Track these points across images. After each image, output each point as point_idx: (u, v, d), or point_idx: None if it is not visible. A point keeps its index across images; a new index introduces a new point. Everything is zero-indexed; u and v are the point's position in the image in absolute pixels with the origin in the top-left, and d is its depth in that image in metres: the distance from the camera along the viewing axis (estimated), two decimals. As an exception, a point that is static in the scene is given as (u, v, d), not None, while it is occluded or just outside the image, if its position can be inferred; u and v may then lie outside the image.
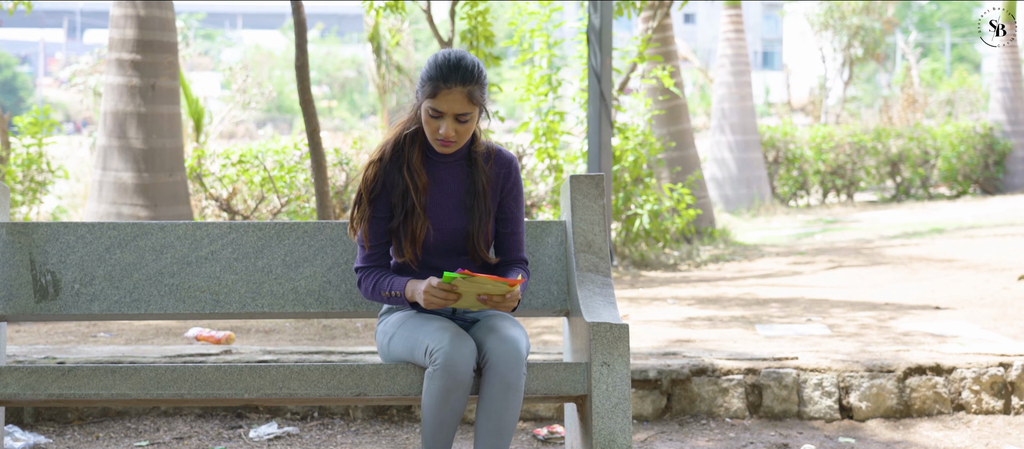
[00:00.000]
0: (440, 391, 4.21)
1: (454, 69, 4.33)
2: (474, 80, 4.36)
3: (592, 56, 11.04)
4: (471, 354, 4.23)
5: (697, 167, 16.29)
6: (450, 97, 4.34)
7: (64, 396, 4.36)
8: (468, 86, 4.34)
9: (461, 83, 4.33)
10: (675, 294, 10.52)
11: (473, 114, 4.40)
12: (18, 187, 12.80)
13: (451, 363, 4.19)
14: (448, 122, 4.37)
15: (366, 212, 4.50)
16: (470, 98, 4.36)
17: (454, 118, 4.37)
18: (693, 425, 6.14)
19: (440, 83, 4.33)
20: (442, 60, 4.35)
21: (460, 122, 4.38)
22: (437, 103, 4.35)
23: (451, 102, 4.34)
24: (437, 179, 4.52)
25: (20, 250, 4.80)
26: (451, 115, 4.36)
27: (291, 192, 12.26)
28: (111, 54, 10.84)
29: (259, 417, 6.23)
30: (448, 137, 4.39)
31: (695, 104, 42.65)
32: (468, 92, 4.34)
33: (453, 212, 4.51)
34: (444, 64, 4.34)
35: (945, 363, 6.35)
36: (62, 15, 75.71)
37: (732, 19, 21.99)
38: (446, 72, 4.33)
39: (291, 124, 50.94)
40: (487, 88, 4.45)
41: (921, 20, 60.09)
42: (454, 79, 4.33)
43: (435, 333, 4.27)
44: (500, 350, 4.24)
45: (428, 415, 4.25)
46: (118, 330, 8.28)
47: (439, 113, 4.36)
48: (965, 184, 23.66)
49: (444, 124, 4.38)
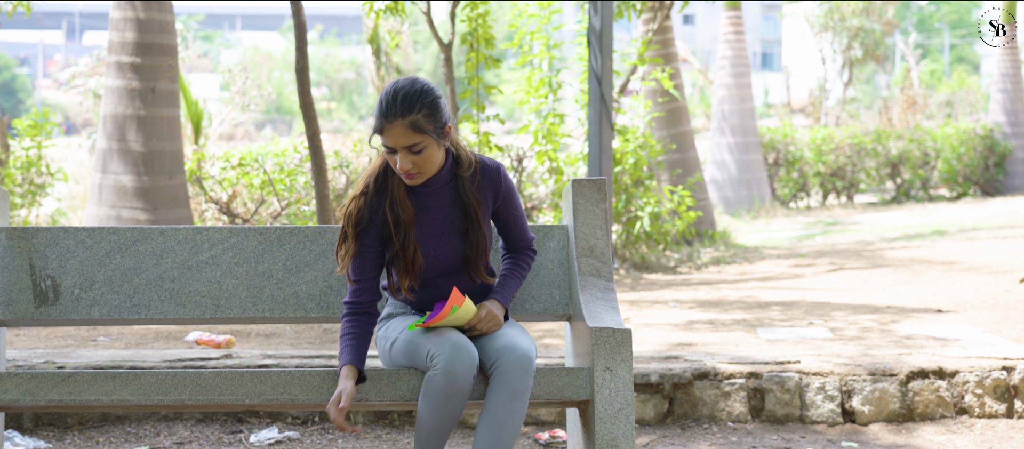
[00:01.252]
0: (439, 395, 4.20)
1: (391, 103, 4.21)
2: (416, 109, 4.21)
3: (592, 58, 11.01)
4: (472, 362, 4.22)
5: (697, 169, 16.28)
6: (394, 131, 4.22)
7: (64, 402, 4.34)
8: (409, 117, 4.20)
9: (401, 116, 4.20)
10: (676, 297, 10.50)
11: (424, 143, 4.25)
12: (17, 190, 12.78)
13: (452, 369, 4.18)
14: (402, 156, 4.26)
15: (351, 248, 4.40)
16: (414, 128, 4.21)
17: (407, 150, 4.25)
18: (695, 429, 6.13)
19: (382, 119, 4.23)
20: (383, 94, 4.25)
21: (414, 153, 4.26)
22: (385, 139, 4.26)
23: (396, 136, 4.23)
24: (426, 207, 4.43)
25: (20, 255, 4.78)
26: (402, 148, 4.25)
27: (291, 195, 12.24)
28: (110, 57, 10.82)
29: (260, 422, 6.21)
30: (405, 171, 4.28)
31: (694, 105, 42.64)
32: (410, 123, 4.20)
33: (447, 238, 4.44)
34: (383, 99, 4.24)
35: (948, 366, 6.33)
36: (61, 17, 75.72)
37: (732, 21, 21.97)
38: (385, 107, 4.22)
39: (290, 126, 50.95)
40: (440, 111, 4.29)
41: (920, 21, 60.12)
42: (393, 113, 4.21)
43: (437, 338, 4.26)
44: (511, 358, 4.23)
45: (424, 417, 4.24)
46: (118, 334, 8.26)
47: (391, 149, 4.26)
48: (965, 186, 23.65)
49: (398, 158, 4.27)
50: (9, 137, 13.58)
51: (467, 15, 12.02)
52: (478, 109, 12.03)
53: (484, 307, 4.40)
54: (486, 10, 12.03)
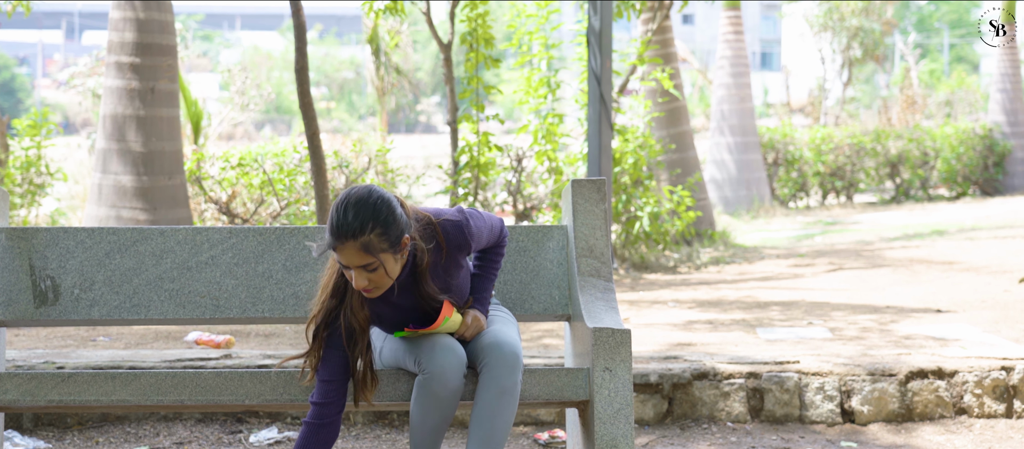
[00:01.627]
0: (428, 399, 4.22)
1: (342, 224, 4.05)
2: (367, 230, 4.05)
3: (592, 58, 11.01)
4: (460, 363, 4.23)
5: (697, 169, 16.28)
6: (346, 252, 4.07)
7: (64, 402, 4.35)
8: (360, 239, 4.04)
9: (352, 237, 4.04)
10: (675, 297, 10.51)
11: (378, 261, 4.10)
12: (17, 190, 12.78)
13: (441, 372, 4.19)
14: (357, 274, 4.12)
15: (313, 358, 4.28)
16: (366, 250, 4.06)
17: (361, 268, 4.11)
18: (694, 429, 6.13)
19: (333, 238, 4.07)
20: (335, 213, 4.08)
21: (369, 271, 4.12)
22: (339, 257, 4.12)
23: (349, 257, 4.08)
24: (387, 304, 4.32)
25: (20, 255, 4.78)
26: (355, 268, 4.11)
27: (290, 195, 12.24)
28: (110, 57, 10.82)
29: (259, 422, 6.22)
30: (361, 288, 4.15)
31: (694, 105, 42.65)
32: (362, 245, 4.05)
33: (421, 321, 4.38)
34: (333, 216, 4.08)
35: (947, 367, 6.34)
36: (60, 16, 75.71)
37: (731, 21, 21.97)
38: (335, 227, 4.06)
39: (290, 125, 50.94)
40: (394, 226, 4.11)
41: (920, 21, 60.13)
42: (344, 234, 4.05)
43: (425, 342, 4.27)
44: (497, 356, 4.24)
45: (416, 421, 4.25)
46: (117, 334, 8.26)
47: (346, 266, 4.13)
48: (965, 185, 23.65)
49: (354, 276, 4.13)
50: (9, 137, 13.58)
51: (466, 15, 12.03)
52: (477, 109, 12.04)
53: (469, 314, 4.39)
54: (486, 10, 12.03)
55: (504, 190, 13.19)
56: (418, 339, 4.31)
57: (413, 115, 55.44)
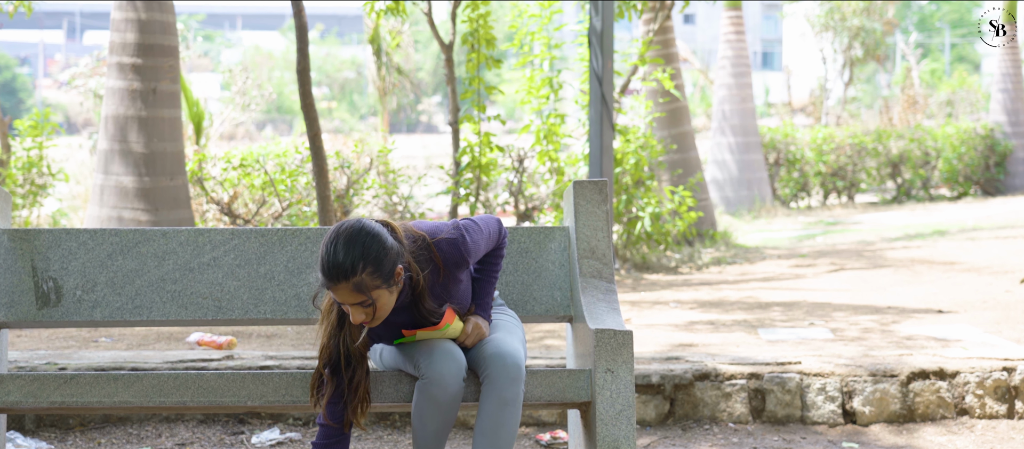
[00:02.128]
0: (428, 404, 4.22)
1: (332, 266, 4.04)
2: (359, 270, 4.04)
3: (593, 58, 11.01)
4: (459, 369, 4.23)
5: (698, 169, 16.28)
6: (339, 292, 4.08)
7: (66, 404, 4.35)
8: (352, 280, 4.04)
9: (344, 278, 4.04)
10: (677, 297, 10.51)
11: (372, 298, 4.10)
12: (18, 190, 12.79)
13: (440, 378, 4.20)
14: (353, 311, 4.13)
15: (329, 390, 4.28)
16: (359, 289, 4.06)
17: (356, 305, 4.12)
18: (696, 430, 6.13)
19: (326, 279, 4.06)
20: (324, 255, 4.07)
21: (365, 307, 4.12)
22: (333, 296, 4.13)
23: (343, 297, 4.09)
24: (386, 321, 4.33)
25: (22, 257, 4.78)
26: (351, 305, 4.12)
27: (292, 195, 12.24)
28: (112, 58, 10.82)
29: (261, 423, 6.22)
30: (358, 322, 4.17)
31: (695, 105, 42.65)
32: (354, 285, 4.05)
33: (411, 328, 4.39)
34: (324, 261, 4.07)
35: (948, 367, 6.34)
36: (61, 16, 75.70)
37: (733, 20, 21.97)
38: (327, 269, 4.05)
39: (291, 125, 50.94)
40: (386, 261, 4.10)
41: (921, 20, 60.10)
42: (335, 276, 4.05)
43: (425, 348, 4.28)
44: (500, 366, 4.24)
45: (418, 425, 4.27)
46: (119, 335, 8.26)
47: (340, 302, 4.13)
48: (966, 185, 23.64)
49: (351, 312, 4.14)
50: (10, 137, 13.59)
51: (468, 15, 12.02)
52: (479, 110, 12.04)
53: (470, 322, 4.39)
54: (487, 11, 12.03)
55: (506, 190, 13.19)
56: (417, 343, 4.31)
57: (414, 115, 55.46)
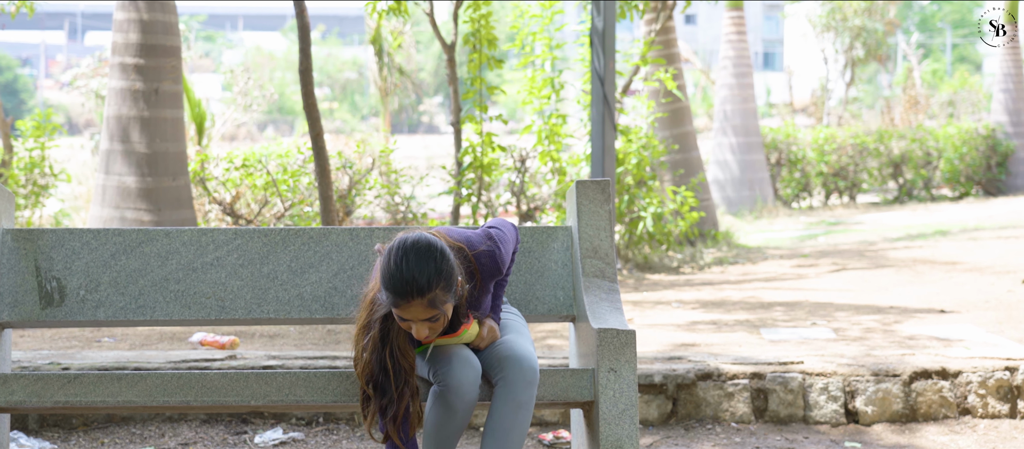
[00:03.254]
0: (444, 411, 4.22)
1: (409, 283, 4.05)
2: (434, 287, 4.07)
3: (595, 59, 11.02)
4: (476, 376, 4.24)
5: (700, 169, 16.28)
6: (411, 309, 4.09)
7: (70, 403, 4.35)
8: (428, 296, 4.06)
9: (419, 295, 4.05)
10: (679, 297, 10.51)
11: (441, 312, 4.12)
12: (21, 190, 12.79)
13: (458, 386, 4.20)
14: (418, 326, 4.13)
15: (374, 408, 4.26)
16: (432, 305, 4.08)
17: (423, 320, 4.13)
18: (698, 430, 6.13)
19: (397, 298, 4.06)
20: (396, 272, 4.06)
21: (431, 322, 4.14)
22: (400, 313, 4.12)
23: (414, 312, 4.09)
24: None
25: (25, 257, 4.79)
26: (418, 320, 4.12)
27: (294, 196, 12.24)
28: (114, 58, 10.83)
29: (264, 422, 6.22)
30: (422, 338, 4.19)
31: (696, 105, 42.65)
32: (429, 301, 4.07)
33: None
34: (398, 279, 4.05)
35: (951, 367, 6.34)
36: (63, 17, 75.72)
37: (734, 21, 21.98)
38: (401, 287, 4.05)
39: (292, 126, 50.94)
40: (454, 276, 4.14)
41: (922, 21, 60.09)
42: (410, 294, 4.05)
43: (442, 355, 4.28)
44: (516, 370, 4.24)
45: (430, 430, 4.26)
46: (122, 335, 8.27)
47: (406, 319, 4.13)
48: (967, 185, 23.64)
49: (414, 327, 4.14)
50: (13, 138, 13.59)
51: (470, 16, 12.03)
52: (481, 110, 12.04)
53: (484, 325, 4.40)
54: (489, 11, 12.03)
55: (507, 191, 13.19)
56: (434, 350, 4.31)
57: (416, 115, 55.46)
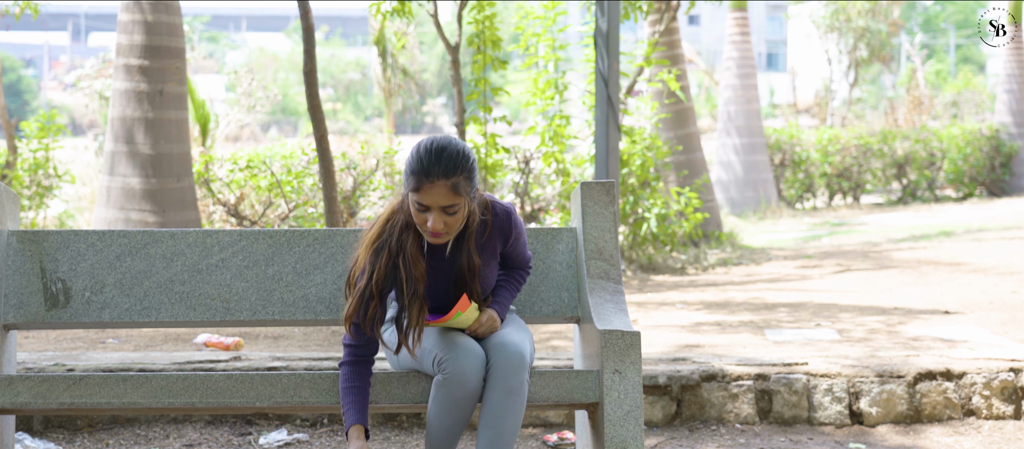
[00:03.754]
0: (447, 400, 4.22)
1: (436, 162, 4.14)
2: (458, 171, 4.17)
3: (599, 60, 11.02)
4: (479, 364, 4.24)
5: (704, 170, 16.28)
6: (434, 191, 4.15)
7: (75, 405, 4.36)
8: (452, 178, 4.16)
9: (444, 176, 4.14)
10: (683, 298, 10.51)
11: (461, 204, 4.21)
12: (25, 192, 12.81)
13: (460, 372, 4.21)
14: (435, 215, 4.20)
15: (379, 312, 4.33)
16: (455, 190, 4.17)
17: (441, 210, 4.20)
18: (703, 431, 6.13)
19: (422, 177, 4.14)
20: (424, 152, 4.17)
21: (448, 214, 4.21)
22: (421, 198, 4.17)
23: (435, 196, 4.16)
24: (432, 265, 4.42)
25: (31, 258, 4.79)
26: (437, 208, 4.20)
27: (299, 197, 12.25)
28: (119, 59, 10.84)
29: (269, 424, 6.23)
30: (436, 230, 4.23)
31: (700, 106, 42.62)
32: (452, 185, 4.16)
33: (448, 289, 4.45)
34: (426, 156, 4.15)
35: (955, 368, 6.34)
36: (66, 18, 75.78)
37: (738, 22, 21.98)
38: (428, 165, 4.14)
39: (296, 127, 50.97)
40: (476, 173, 4.27)
41: (926, 21, 60.06)
42: (436, 173, 4.14)
43: (444, 343, 4.28)
44: (503, 355, 4.26)
45: (434, 422, 4.26)
46: (126, 336, 8.28)
47: (425, 207, 4.19)
48: (971, 186, 23.63)
49: (431, 217, 4.20)
50: (17, 139, 13.60)
51: (474, 17, 12.03)
52: (485, 111, 12.04)
53: (485, 313, 4.43)
54: (493, 12, 12.04)
55: (511, 192, 13.20)
56: (437, 340, 4.32)
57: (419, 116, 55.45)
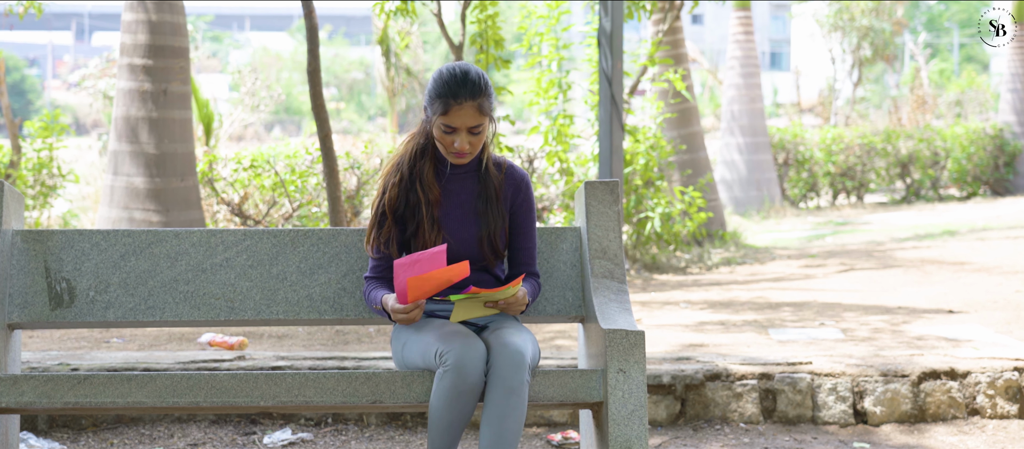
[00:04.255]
0: (449, 392, 4.23)
1: (462, 85, 4.41)
2: (483, 92, 4.45)
3: (603, 59, 11.01)
4: (481, 358, 4.25)
5: (708, 170, 16.28)
6: (462, 112, 4.42)
7: (80, 404, 4.36)
8: (478, 99, 4.43)
9: (471, 97, 4.42)
10: (687, 298, 10.51)
11: (484, 124, 4.49)
12: (29, 191, 12.82)
13: (461, 365, 4.21)
14: (462, 136, 4.46)
15: (394, 231, 4.60)
16: (480, 110, 4.45)
17: (467, 131, 4.46)
18: (707, 430, 6.13)
19: (450, 100, 4.41)
20: (449, 76, 4.43)
21: (473, 134, 4.48)
22: (449, 119, 4.44)
23: (463, 117, 4.43)
24: (449, 190, 4.61)
25: (35, 258, 4.80)
26: (464, 129, 4.46)
27: (303, 196, 12.26)
28: (123, 59, 10.85)
29: (273, 423, 6.23)
30: (462, 150, 4.49)
31: (703, 105, 42.62)
32: (478, 105, 4.44)
33: (466, 220, 4.59)
34: (452, 80, 4.42)
35: (959, 367, 6.34)
36: (70, 17, 75.82)
37: (742, 21, 21.97)
38: (455, 88, 4.41)
39: (299, 126, 51.00)
40: (495, 96, 4.56)
41: (930, 20, 60.03)
42: (464, 94, 4.41)
43: (446, 336, 4.30)
44: (503, 355, 4.27)
45: (435, 416, 4.27)
46: (131, 335, 8.28)
47: (452, 129, 4.45)
48: (975, 185, 23.61)
49: (458, 138, 4.47)
50: (20, 138, 13.61)
51: (477, 16, 12.02)
52: (488, 110, 12.03)
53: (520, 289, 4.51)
54: (496, 12, 12.03)
55: (515, 191, 13.18)
56: (439, 334, 4.32)
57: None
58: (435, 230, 4.54)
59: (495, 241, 4.59)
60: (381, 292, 4.57)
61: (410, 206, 4.57)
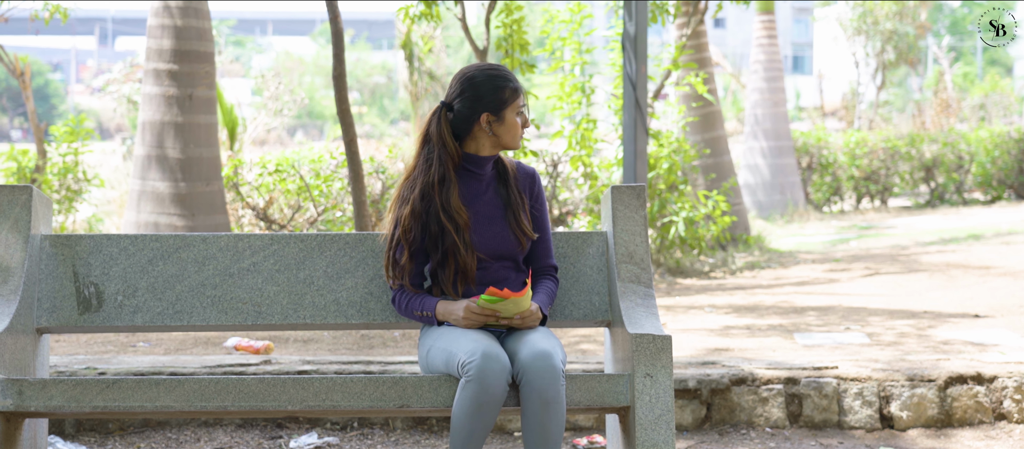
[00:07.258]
0: (471, 403, 4.24)
1: (509, 73, 4.67)
2: None
3: (627, 63, 11.02)
4: (503, 369, 4.26)
5: (731, 174, 16.25)
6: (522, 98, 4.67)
7: (108, 408, 4.38)
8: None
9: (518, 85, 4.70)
10: (711, 302, 10.50)
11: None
12: (54, 195, 12.86)
13: (483, 377, 4.22)
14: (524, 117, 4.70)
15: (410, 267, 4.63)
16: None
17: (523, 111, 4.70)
18: (733, 435, 6.13)
19: (515, 85, 4.65)
20: (493, 70, 4.64)
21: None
22: (522, 99, 4.67)
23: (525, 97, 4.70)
24: (475, 195, 4.65)
25: (63, 262, 4.82)
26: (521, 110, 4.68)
27: (327, 201, 12.28)
28: (148, 64, 10.89)
29: (299, 427, 6.25)
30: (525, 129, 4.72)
31: (726, 109, 42.53)
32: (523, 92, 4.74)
33: (495, 219, 4.63)
34: (500, 71, 4.65)
35: (986, 372, 6.32)
36: (94, 22, 76.12)
37: (765, 25, 21.93)
38: (509, 75, 4.66)
39: (322, 130, 51.08)
40: None
41: (953, 24, 59.83)
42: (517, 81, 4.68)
43: (469, 346, 4.31)
44: (535, 367, 4.27)
45: (458, 425, 4.28)
46: (156, 340, 8.31)
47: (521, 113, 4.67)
48: (1000, 189, 23.51)
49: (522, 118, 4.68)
50: (46, 143, 13.66)
51: (502, 21, 12.02)
52: (512, 114, 12.03)
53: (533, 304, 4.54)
54: (521, 16, 12.03)
55: (539, 195, 13.18)
56: (463, 343, 4.33)
57: (445, 120, 55.40)
58: (470, 252, 4.56)
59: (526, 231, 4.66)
60: (428, 298, 4.61)
61: (432, 236, 4.60)
